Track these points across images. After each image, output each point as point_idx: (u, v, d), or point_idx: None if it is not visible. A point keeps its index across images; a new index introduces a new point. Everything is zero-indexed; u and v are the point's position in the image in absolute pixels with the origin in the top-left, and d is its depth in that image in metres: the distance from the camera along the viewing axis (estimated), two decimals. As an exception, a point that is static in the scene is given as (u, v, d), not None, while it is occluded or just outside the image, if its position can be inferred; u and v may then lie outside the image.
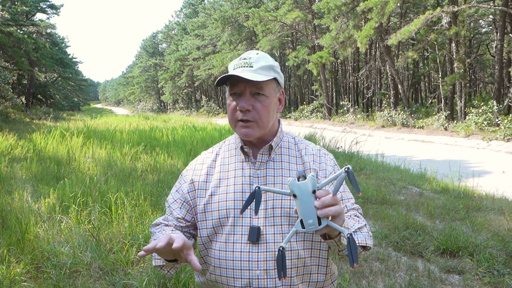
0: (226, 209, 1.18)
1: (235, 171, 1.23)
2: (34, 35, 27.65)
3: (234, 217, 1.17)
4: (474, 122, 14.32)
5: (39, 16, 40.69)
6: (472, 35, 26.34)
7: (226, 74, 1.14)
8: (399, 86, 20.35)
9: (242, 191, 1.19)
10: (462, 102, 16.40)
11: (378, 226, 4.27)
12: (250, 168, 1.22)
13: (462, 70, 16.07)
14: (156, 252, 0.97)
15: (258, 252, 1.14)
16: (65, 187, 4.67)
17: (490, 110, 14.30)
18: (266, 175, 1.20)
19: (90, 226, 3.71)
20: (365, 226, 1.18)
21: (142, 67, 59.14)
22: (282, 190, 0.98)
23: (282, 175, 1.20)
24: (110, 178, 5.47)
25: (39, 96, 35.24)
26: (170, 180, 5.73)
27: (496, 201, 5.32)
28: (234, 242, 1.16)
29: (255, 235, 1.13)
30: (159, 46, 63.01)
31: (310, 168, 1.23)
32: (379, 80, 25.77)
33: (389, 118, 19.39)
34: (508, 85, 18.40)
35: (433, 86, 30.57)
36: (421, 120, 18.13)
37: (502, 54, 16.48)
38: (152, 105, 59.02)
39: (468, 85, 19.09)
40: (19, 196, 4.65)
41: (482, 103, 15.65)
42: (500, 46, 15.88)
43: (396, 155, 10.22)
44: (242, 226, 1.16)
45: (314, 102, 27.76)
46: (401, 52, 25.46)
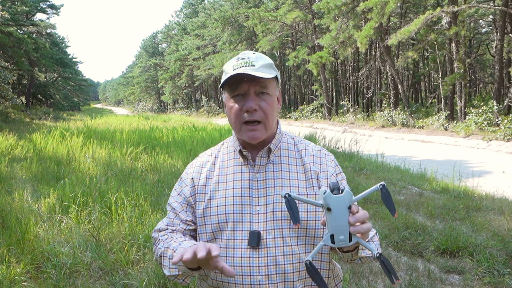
0: (225, 213, 1.16)
1: (234, 175, 1.20)
2: (34, 35, 27.65)
3: (234, 221, 1.15)
4: (474, 122, 14.31)
5: (39, 16, 40.68)
6: (472, 35, 26.33)
7: (233, 74, 1.10)
8: (399, 86, 20.35)
9: (241, 195, 1.16)
10: (462, 102, 16.40)
11: (378, 226, 4.27)
12: (249, 171, 1.19)
13: (462, 70, 16.07)
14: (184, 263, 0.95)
15: (259, 257, 1.11)
16: (65, 187, 4.67)
17: (490, 110, 14.30)
18: (265, 179, 1.18)
19: (90, 226, 3.71)
20: (375, 234, 1.18)
21: (142, 67, 59.14)
22: (313, 201, 0.94)
23: (282, 178, 1.18)
24: (110, 178, 5.47)
25: (39, 96, 35.24)
26: (170, 180, 5.73)
27: (496, 201, 5.32)
28: (234, 247, 1.14)
29: (255, 240, 1.11)
30: (159, 46, 63.02)
31: (311, 170, 1.20)
32: (379, 80, 25.76)
33: (389, 118, 19.39)
34: (508, 85, 18.39)
35: (433, 86, 30.57)
36: (421, 120, 18.13)
37: (502, 54, 16.48)
38: (152, 105, 59.03)
39: (468, 85, 19.09)
40: (19, 196, 4.65)
41: (482, 103, 15.65)
42: (500, 46, 15.88)
43: (396, 155, 10.22)
44: (242, 230, 1.14)
45: (314, 102, 27.76)
46: (401, 52, 25.46)
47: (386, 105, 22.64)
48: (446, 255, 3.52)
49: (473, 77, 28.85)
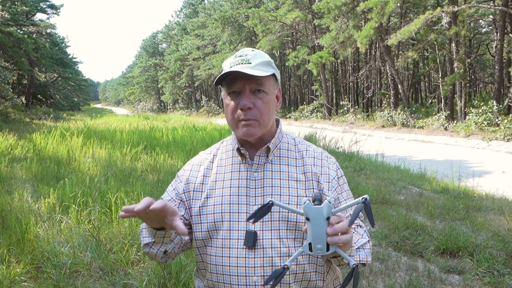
0: (221, 212, 1.14)
1: (232, 173, 1.18)
2: (34, 35, 27.64)
3: (230, 221, 1.13)
4: (474, 122, 14.31)
5: (39, 16, 40.67)
6: (472, 35, 26.33)
7: (226, 71, 1.09)
8: (399, 86, 20.35)
9: (238, 194, 1.15)
10: (462, 102, 16.40)
11: (378, 226, 4.26)
12: (247, 170, 1.17)
13: (462, 70, 16.07)
14: (137, 215, 0.90)
15: (254, 257, 1.10)
16: (65, 187, 4.67)
17: (490, 110, 14.30)
18: (263, 178, 1.16)
19: (90, 226, 3.71)
20: (368, 242, 1.16)
21: (142, 67, 59.15)
22: (295, 209, 0.97)
23: (280, 178, 1.16)
24: (110, 178, 5.47)
25: (39, 96, 35.24)
26: (170, 180, 5.73)
27: (496, 201, 5.32)
28: (230, 247, 1.12)
29: (251, 240, 1.09)
30: (159, 46, 63.03)
31: (311, 171, 1.18)
32: (379, 80, 25.76)
33: (389, 118, 19.39)
34: (508, 85, 18.39)
35: (433, 86, 30.56)
36: (421, 120, 18.13)
37: (502, 54, 16.48)
38: (152, 105, 59.04)
39: (468, 85, 19.09)
40: (19, 196, 4.65)
41: (482, 103, 15.66)
42: (500, 46, 15.88)
43: (396, 155, 10.22)
44: (238, 230, 1.12)
45: (314, 102, 27.77)
46: (401, 52, 25.45)
47: (386, 105, 22.64)
48: (446, 255, 3.52)
49: (473, 77, 28.85)
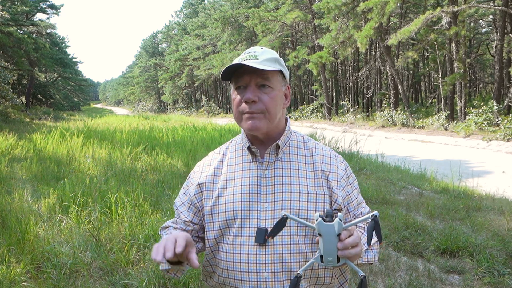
0: (233, 210, 1.15)
1: (242, 172, 1.20)
2: (34, 35, 27.65)
3: (242, 218, 1.14)
4: (474, 122, 14.31)
5: (39, 16, 40.69)
6: (472, 35, 26.33)
7: (231, 64, 1.12)
8: (399, 86, 20.35)
9: (249, 192, 1.16)
10: (462, 102, 16.40)
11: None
12: (257, 168, 1.19)
13: (462, 70, 16.07)
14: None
15: (265, 254, 1.11)
16: (65, 187, 4.67)
17: (490, 110, 14.30)
18: (274, 176, 1.17)
19: (90, 226, 3.70)
20: (376, 242, 1.19)
21: (142, 67, 59.15)
22: (307, 223, 1.02)
23: (290, 176, 1.17)
24: (110, 178, 5.47)
25: (39, 96, 35.24)
26: (170, 180, 5.73)
27: (496, 201, 5.32)
28: (241, 244, 1.14)
29: (262, 237, 1.11)
30: (159, 46, 63.03)
31: (321, 169, 1.20)
32: (379, 80, 25.77)
33: (389, 118, 19.39)
34: (508, 85, 18.40)
35: (433, 86, 30.56)
36: (421, 120, 18.13)
37: (502, 54, 16.48)
38: (152, 105, 59.04)
39: (468, 85, 19.09)
40: (19, 196, 4.65)
41: (482, 103, 15.65)
42: (500, 46, 15.88)
43: (396, 155, 10.22)
44: (249, 227, 1.14)
45: (314, 102, 27.77)
46: (401, 52, 25.45)
47: (386, 105, 22.64)
48: (446, 255, 3.52)
49: (473, 77, 28.86)
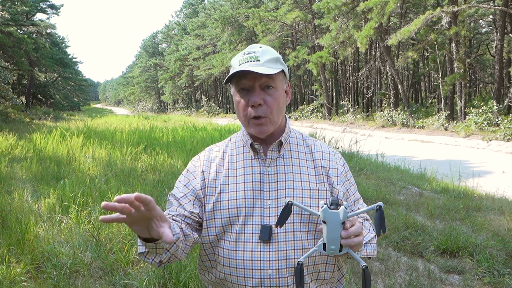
0: (236, 207, 1.15)
1: (244, 169, 1.20)
2: (34, 35, 27.63)
3: (245, 215, 1.14)
4: (474, 122, 14.31)
5: (39, 16, 40.74)
6: (472, 35, 26.33)
7: (236, 71, 1.11)
8: (399, 86, 20.35)
9: (252, 189, 1.16)
10: (462, 102, 16.40)
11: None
12: (260, 165, 1.19)
13: (462, 70, 16.06)
14: (119, 211, 0.85)
15: (269, 251, 1.12)
16: (65, 187, 4.67)
17: (490, 110, 14.30)
18: (277, 172, 1.18)
19: (90, 226, 3.70)
20: (374, 237, 1.21)
21: (142, 67, 59.16)
22: (312, 211, 1.03)
23: (293, 172, 1.19)
24: (110, 178, 5.47)
25: (39, 96, 35.23)
26: (170, 180, 5.73)
27: (496, 201, 5.32)
28: (244, 241, 1.13)
29: (267, 234, 1.11)
30: (159, 46, 63.04)
31: (321, 165, 1.22)
32: (379, 80, 25.77)
33: (389, 118, 19.39)
34: (508, 85, 18.40)
35: (433, 86, 30.56)
36: (421, 120, 18.13)
37: (502, 54, 16.48)
38: (152, 105, 59.03)
39: (468, 85, 19.10)
40: (19, 196, 4.65)
41: (482, 103, 15.65)
42: (500, 46, 15.88)
43: (396, 155, 10.22)
44: (253, 224, 1.14)
45: (314, 102, 27.76)
46: (401, 52, 25.46)
47: (386, 105, 22.64)
48: (446, 255, 3.52)
49: (473, 77, 28.85)
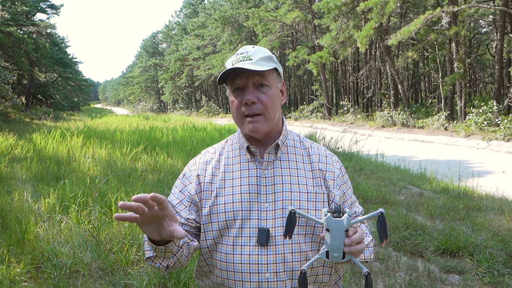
0: (233, 211, 1.14)
1: (241, 172, 1.19)
2: (34, 35, 27.62)
3: (242, 219, 1.13)
4: (474, 122, 14.31)
5: (39, 16, 40.72)
6: (472, 35, 26.33)
7: (228, 69, 1.11)
8: (399, 86, 20.35)
9: (249, 192, 1.15)
10: (462, 102, 16.40)
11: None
12: (256, 168, 1.18)
13: (462, 70, 16.06)
14: (134, 210, 0.87)
15: (267, 254, 1.11)
16: (65, 187, 4.67)
17: (490, 110, 14.30)
18: (274, 175, 1.17)
19: (90, 226, 3.70)
20: (371, 240, 1.22)
21: (142, 67, 59.16)
22: (315, 218, 1.02)
23: (290, 175, 1.18)
24: (110, 178, 5.47)
25: (39, 96, 35.21)
26: (170, 180, 5.73)
27: (496, 201, 5.32)
28: (242, 245, 1.13)
29: (265, 237, 1.10)
30: (159, 46, 63.04)
31: (318, 168, 1.21)
32: (379, 80, 25.77)
33: (389, 118, 19.39)
34: (508, 85, 18.39)
35: (433, 86, 30.55)
36: (421, 120, 18.13)
37: (502, 54, 16.48)
38: (152, 105, 59.02)
39: (468, 85, 19.09)
40: (19, 196, 4.65)
41: (482, 103, 15.65)
42: (500, 46, 15.88)
43: (396, 155, 10.22)
44: (250, 228, 1.13)
45: (314, 102, 27.75)
46: (401, 52, 25.45)
47: (386, 105, 22.64)
48: (446, 255, 3.52)
49: (473, 77, 28.85)
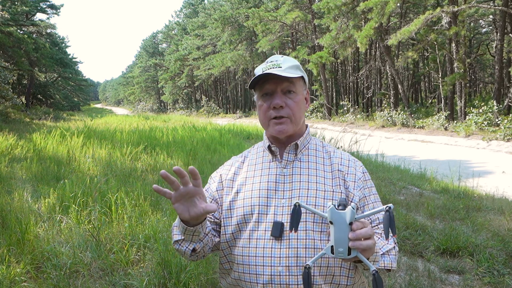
0: (251, 205, 1.20)
1: (262, 170, 1.26)
2: (34, 35, 27.63)
3: (259, 213, 1.18)
4: (474, 122, 14.31)
5: (39, 16, 40.74)
6: (472, 35, 26.34)
7: (258, 74, 1.18)
8: (399, 86, 20.35)
9: (267, 189, 1.20)
10: (462, 102, 16.40)
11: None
12: (276, 167, 1.24)
13: (462, 70, 16.06)
14: (171, 183, 1.01)
15: (280, 248, 1.13)
16: (65, 187, 4.67)
17: (490, 110, 14.30)
18: (292, 174, 1.22)
19: (90, 226, 3.70)
20: (393, 248, 1.18)
21: (142, 67, 59.17)
22: (319, 212, 1.01)
23: (308, 174, 1.22)
24: (110, 178, 5.47)
25: (39, 96, 35.21)
26: (170, 180, 5.72)
27: (496, 201, 5.32)
28: (257, 238, 1.16)
29: (278, 231, 1.13)
30: (159, 46, 63.06)
31: (338, 169, 1.24)
32: (379, 80, 25.77)
33: (389, 118, 19.39)
34: (508, 85, 18.40)
35: (433, 86, 30.55)
36: (421, 120, 18.13)
37: (502, 54, 16.48)
38: (152, 105, 59.02)
39: (468, 85, 19.09)
40: (19, 196, 4.64)
41: (482, 103, 15.66)
42: (500, 46, 15.88)
43: (396, 155, 10.22)
44: (266, 222, 1.17)
45: (314, 102, 27.76)
46: (401, 52, 25.45)
47: (386, 105, 22.64)
48: (446, 255, 3.52)
49: (473, 77, 28.85)
